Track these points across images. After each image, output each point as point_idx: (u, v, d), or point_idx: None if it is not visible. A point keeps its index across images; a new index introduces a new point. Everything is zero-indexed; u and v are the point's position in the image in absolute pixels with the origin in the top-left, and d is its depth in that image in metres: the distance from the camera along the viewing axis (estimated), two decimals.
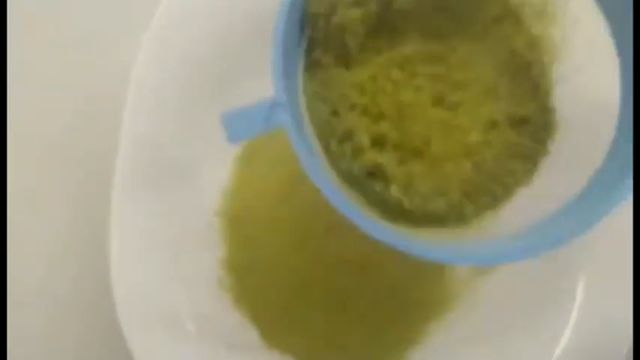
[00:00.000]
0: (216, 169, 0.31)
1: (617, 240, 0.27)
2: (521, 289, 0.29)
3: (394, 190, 0.21)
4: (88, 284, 0.32)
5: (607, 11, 0.22)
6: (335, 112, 0.22)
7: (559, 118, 0.23)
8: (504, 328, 0.29)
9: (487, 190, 0.22)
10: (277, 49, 0.20)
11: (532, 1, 0.24)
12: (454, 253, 0.21)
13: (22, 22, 0.33)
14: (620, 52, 0.22)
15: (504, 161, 0.22)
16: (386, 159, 0.22)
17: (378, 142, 0.22)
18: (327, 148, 0.22)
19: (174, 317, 0.28)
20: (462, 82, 0.22)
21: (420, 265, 0.30)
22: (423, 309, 0.30)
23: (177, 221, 0.29)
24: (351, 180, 0.22)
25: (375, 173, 0.22)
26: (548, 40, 0.24)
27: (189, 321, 0.29)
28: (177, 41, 0.29)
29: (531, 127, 0.23)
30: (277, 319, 0.30)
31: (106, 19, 0.33)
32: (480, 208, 0.22)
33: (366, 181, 0.22)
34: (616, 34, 0.22)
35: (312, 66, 0.22)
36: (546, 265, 0.29)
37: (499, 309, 0.29)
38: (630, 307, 0.27)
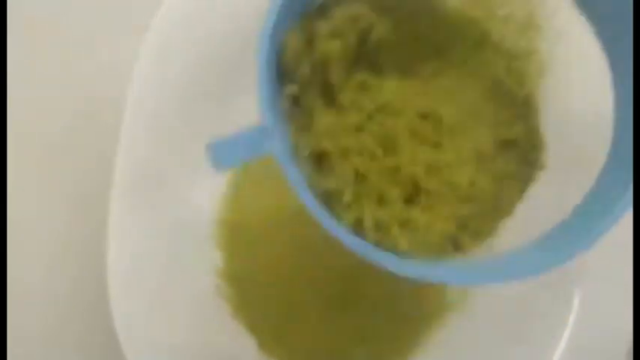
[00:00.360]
0: (215, 174, 0.30)
1: (614, 245, 0.27)
2: (518, 296, 0.29)
3: (393, 233, 0.21)
4: (87, 284, 0.32)
5: (595, 22, 0.21)
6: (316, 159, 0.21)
7: (547, 137, 0.23)
8: (502, 335, 0.29)
9: (481, 219, 0.22)
10: (262, 80, 0.19)
11: (516, 15, 0.24)
12: (451, 274, 0.21)
13: (22, 22, 0.32)
14: (613, 64, 0.21)
15: (495, 187, 0.22)
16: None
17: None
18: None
19: (172, 325, 0.28)
20: (445, 112, 0.22)
21: None
22: (422, 317, 0.30)
23: (175, 228, 0.29)
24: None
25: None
26: (535, 55, 0.24)
27: (187, 329, 0.29)
28: (179, 42, 0.29)
29: (519, 150, 0.23)
30: (276, 328, 0.30)
31: (106, 19, 0.33)
32: (476, 238, 0.22)
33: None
34: (607, 45, 0.21)
35: (295, 105, 0.22)
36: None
37: (497, 316, 0.29)
38: (628, 311, 0.26)
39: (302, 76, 0.21)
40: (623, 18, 0.20)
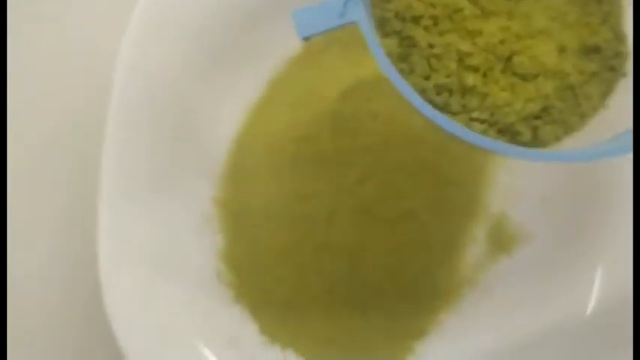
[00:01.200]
0: (213, 158, 0.30)
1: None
2: (533, 276, 0.29)
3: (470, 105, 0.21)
4: (87, 284, 0.32)
5: None
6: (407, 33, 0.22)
7: (630, 46, 0.23)
8: (515, 314, 0.28)
9: (563, 110, 0.22)
10: None
11: None
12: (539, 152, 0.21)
13: (22, 22, 0.33)
14: None
15: (579, 79, 0.22)
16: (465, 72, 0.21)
17: (453, 57, 0.21)
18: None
19: (171, 311, 0.28)
20: (532, 11, 0.22)
21: (428, 254, 0.29)
22: (432, 298, 0.29)
23: (173, 214, 0.29)
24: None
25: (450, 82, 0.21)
26: None
27: (187, 315, 0.28)
28: (164, 28, 0.29)
29: (603, 55, 0.23)
30: (278, 312, 0.29)
31: (106, 19, 0.33)
32: (557, 132, 0.22)
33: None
34: None
35: None
36: (558, 252, 0.29)
37: (511, 296, 0.29)
38: None
39: None
40: None
